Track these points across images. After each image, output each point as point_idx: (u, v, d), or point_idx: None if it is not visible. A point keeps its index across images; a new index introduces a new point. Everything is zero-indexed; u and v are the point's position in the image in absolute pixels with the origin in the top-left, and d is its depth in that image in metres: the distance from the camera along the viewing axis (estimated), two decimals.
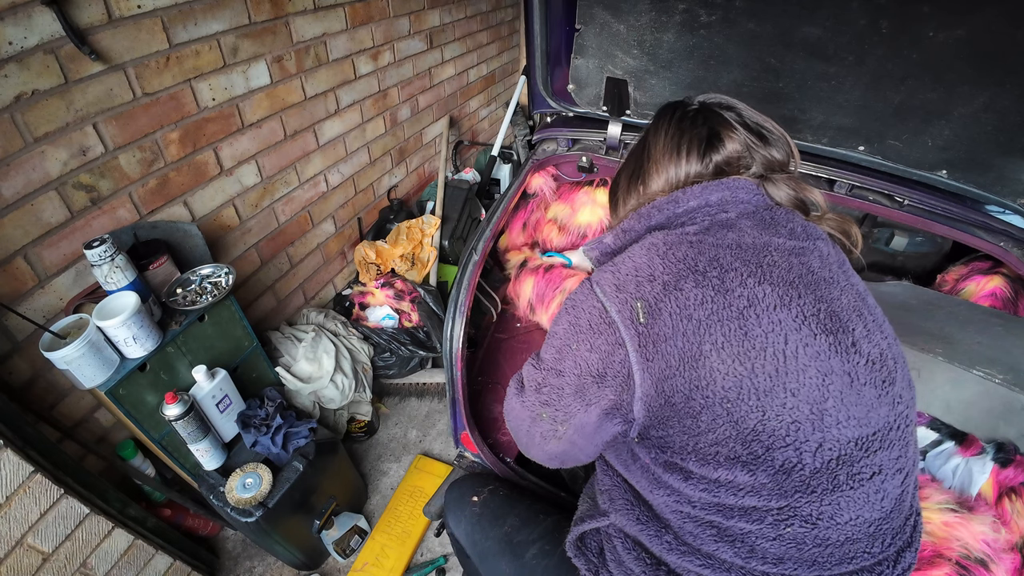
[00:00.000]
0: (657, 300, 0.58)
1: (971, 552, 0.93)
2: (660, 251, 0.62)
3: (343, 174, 1.95)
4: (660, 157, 0.70)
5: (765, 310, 0.57)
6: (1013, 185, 1.04)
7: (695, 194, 0.66)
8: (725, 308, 0.57)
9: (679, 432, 0.59)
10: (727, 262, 0.59)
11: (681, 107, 0.72)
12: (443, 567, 1.52)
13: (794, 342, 0.56)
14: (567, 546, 0.78)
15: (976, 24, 0.89)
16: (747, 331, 0.56)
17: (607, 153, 1.41)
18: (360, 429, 1.86)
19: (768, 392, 0.55)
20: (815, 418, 0.55)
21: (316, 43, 1.66)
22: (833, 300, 0.60)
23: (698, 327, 0.56)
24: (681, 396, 0.57)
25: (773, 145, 0.68)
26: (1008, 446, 1.04)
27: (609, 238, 0.74)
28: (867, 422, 0.57)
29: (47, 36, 1.00)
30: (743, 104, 0.71)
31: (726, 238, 0.62)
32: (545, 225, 1.83)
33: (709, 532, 0.61)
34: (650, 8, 1.13)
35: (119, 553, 1.16)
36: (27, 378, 1.11)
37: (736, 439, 0.56)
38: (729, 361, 0.56)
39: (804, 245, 0.63)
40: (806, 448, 0.55)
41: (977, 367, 1.04)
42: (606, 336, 0.60)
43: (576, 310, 0.65)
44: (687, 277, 0.59)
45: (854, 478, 0.57)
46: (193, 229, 1.32)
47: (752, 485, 0.57)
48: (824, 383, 0.56)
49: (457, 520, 0.98)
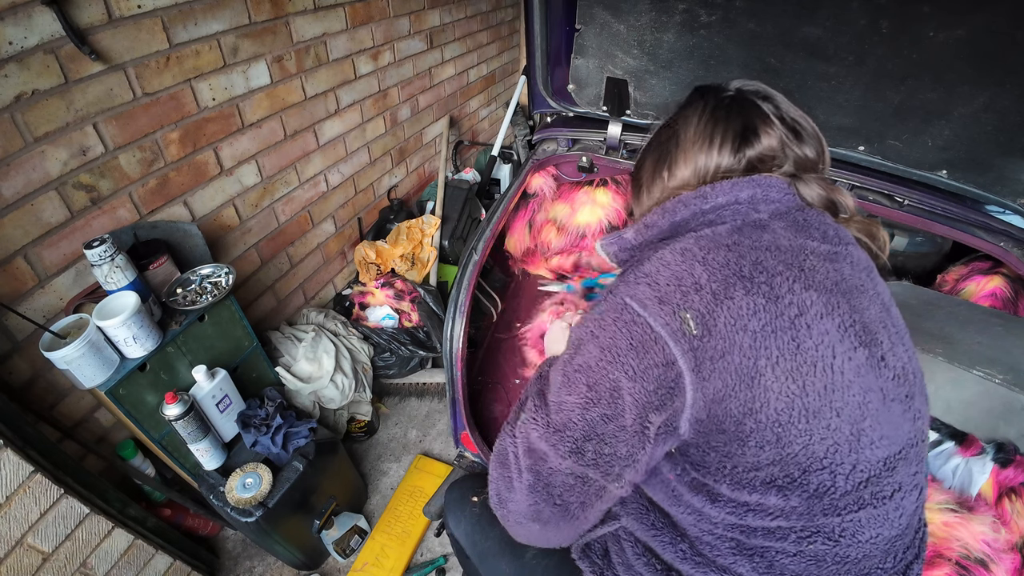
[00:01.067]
0: (709, 311, 0.52)
1: (971, 552, 0.93)
2: (698, 256, 0.56)
3: (343, 174, 1.95)
4: (690, 145, 0.65)
5: (814, 318, 0.52)
6: (1013, 185, 1.04)
7: (724, 190, 0.60)
8: (778, 317, 0.52)
9: (721, 454, 0.55)
10: (771, 265, 0.54)
11: (716, 93, 0.67)
12: (443, 567, 1.52)
13: (840, 355, 0.52)
14: (573, 549, 0.76)
15: (976, 24, 0.89)
16: (799, 343, 0.52)
17: (607, 153, 1.41)
18: (360, 429, 1.86)
19: (816, 413, 0.52)
20: (853, 439, 0.53)
21: (316, 43, 1.66)
22: (864, 310, 0.56)
23: (754, 340, 0.51)
24: (733, 421, 0.52)
25: (807, 143, 0.64)
26: (1008, 446, 1.04)
27: (630, 233, 0.67)
28: (895, 440, 0.55)
29: (47, 36, 1.00)
30: (781, 95, 0.66)
31: (762, 239, 0.57)
32: (545, 226, 1.83)
33: (728, 545, 0.59)
34: (650, 8, 1.13)
35: (119, 553, 1.16)
36: (27, 378, 1.11)
37: (776, 463, 0.53)
38: (783, 378, 0.51)
39: (837, 250, 0.59)
40: (840, 471, 0.53)
41: (977, 367, 1.04)
42: (654, 356, 0.53)
43: (608, 331, 0.55)
44: (736, 284, 0.53)
45: (876, 497, 0.55)
46: (193, 229, 1.32)
47: (783, 508, 0.55)
48: (864, 401, 0.53)
49: (457, 520, 0.98)
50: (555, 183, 1.69)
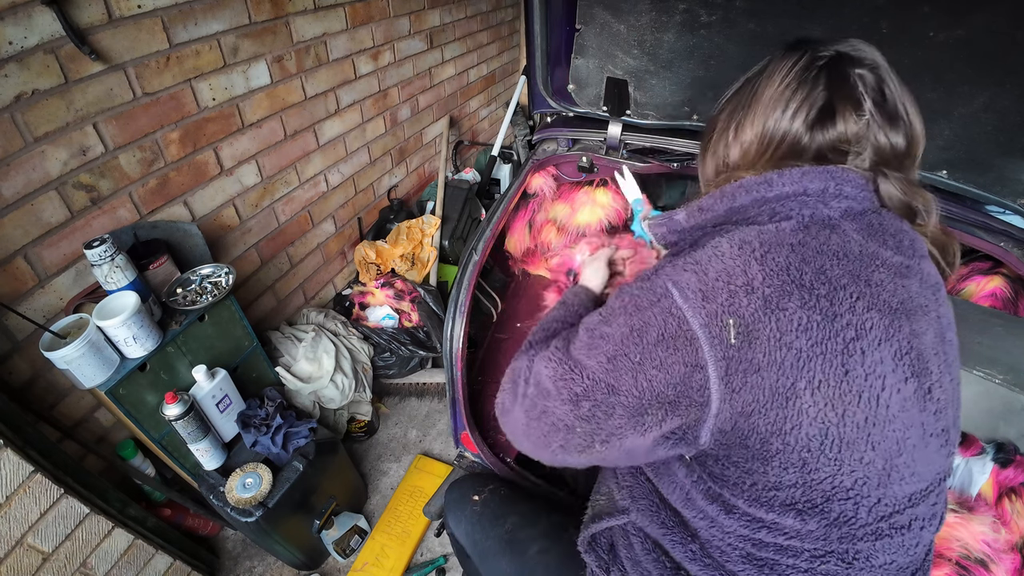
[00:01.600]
0: (755, 319, 0.48)
1: (971, 552, 0.93)
2: (757, 253, 0.51)
3: (343, 174, 1.95)
4: (763, 106, 0.59)
5: (871, 344, 0.48)
6: (1013, 185, 1.04)
7: (793, 179, 0.54)
8: (831, 338, 0.48)
9: (741, 470, 0.53)
10: (836, 276, 0.49)
11: (811, 51, 0.58)
12: (443, 567, 1.52)
13: (890, 387, 0.49)
14: (579, 542, 0.76)
15: (976, 24, 0.89)
16: (848, 369, 0.48)
17: (607, 153, 1.40)
18: (360, 429, 1.86)
19: (851, 444, 0.49)
20: (883, 475, 0.50)
21: (316, 43, 1.66)
22: (922, 334, 0.52)
23: (797, 359, 0.47)
24: (758, 438, 0.50)
25: (899, 130, 0.55)
26: (1008, 446, 1.04)
27: (681, 215, 0.62)
28: (925, 476, 0.52)
29: (47, 36, 1.00)
30: (888, 68, 0.57)
31: (830, 242, 0.51)
32: (545, 226, 1.83)
33: (738, 553, 0.57)
34: (650, 8, 1.13)
35: (119, 553, 1.16)
36: (27, 378, 1.11)
37: (799, 487, 0.51)
38: (821, 404, 0.48)
39: (910, 263, 0.53)
40: (864, 504, 0.51)
41: (977, 367, 1.04)
42: (683, 354, 0.50)
43: (642, 313, 0.53)
44: (792, 294, 0.48)
45: (895, 528, 0.53)
46: (193, 229, 1.32)
47: (798, 531, 0.52)
48: (904, 436, 0.49)
49: (457, 520, 0.98)
50: (555, 183, 1.69)
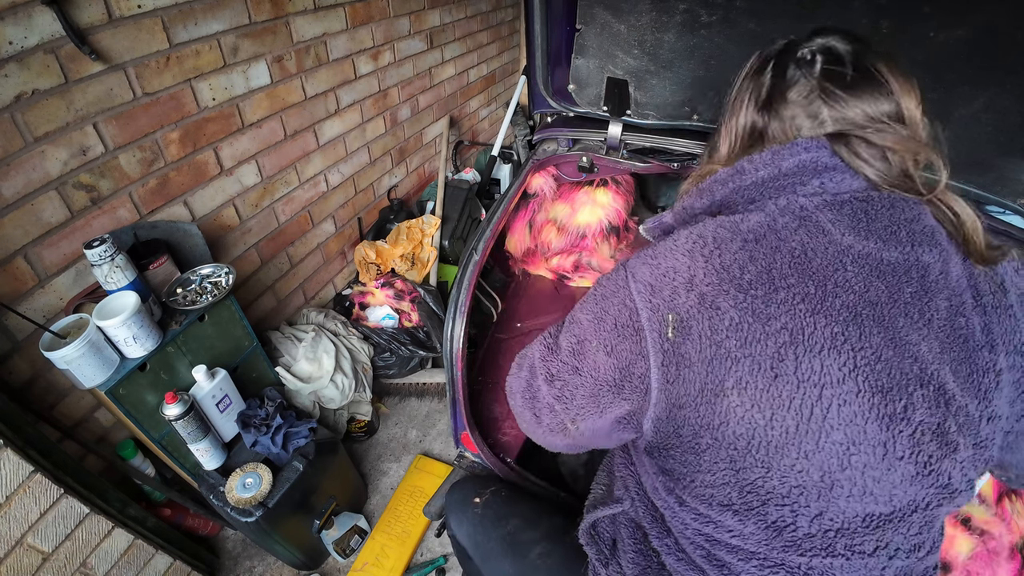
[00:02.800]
0: (689, 315, 0.50)
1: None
2: (707, 250, 0.52)
3: (343, 174, 1.95)
4: (732, 103, 0.62)
5: (807, 352, 0.47)
6: (1013, 185, 1.04)
7: (764, 162, 0.53)
8: (760, 341, 0.47)
9: (679, 463, 0.54)
10: (779, 277, 0.49)
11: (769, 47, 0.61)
12: (443, 567, 1.52)
13: (829, 397, 0.47)
14: (580, 533, 0.77)
15: (976, 24, 0.89)
16: (778, 373, 0.47)
17: (607, 153, 1.40)
18: (360, 429, 1.86)
19: (779, 449, 0.48)
20: (823, 487, 0.48)
21: (316, 43, 1.66)
22: (907, 345, 0.47)
23: (725, 358, 0.48)
24: (690, 429, 0.51)
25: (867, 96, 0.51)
26: None
27: (669, 217, 0.64)
28: (887, 500, 0.49)
29: (47, 36, 1.00)
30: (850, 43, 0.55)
31: (791, 239, 0.50)
32: (545, 226, 1.83)
33: (700, 552, 0.59)
34: (651, 8, 1.13)
35: (119, 553, 1.16)
36: (27, 378, 1.11)
37: (733, 486, 0.51)
38: (748, 405, 0.48)
39: (898, 259, 0.49)
40: (803, 513, 0.50)
41: None
42: (630, 343, 0.53)
43: (605, 302, 0.56)
44: (727, 292, 0.49)
45: (852, 550, 0.50)
46: (193, 229, 1.32)
47: (740, 532, 0.53)
48: (847, 452, 0.47)
49: (459, 522, 0.98)
50: (555, 183, 1.69)
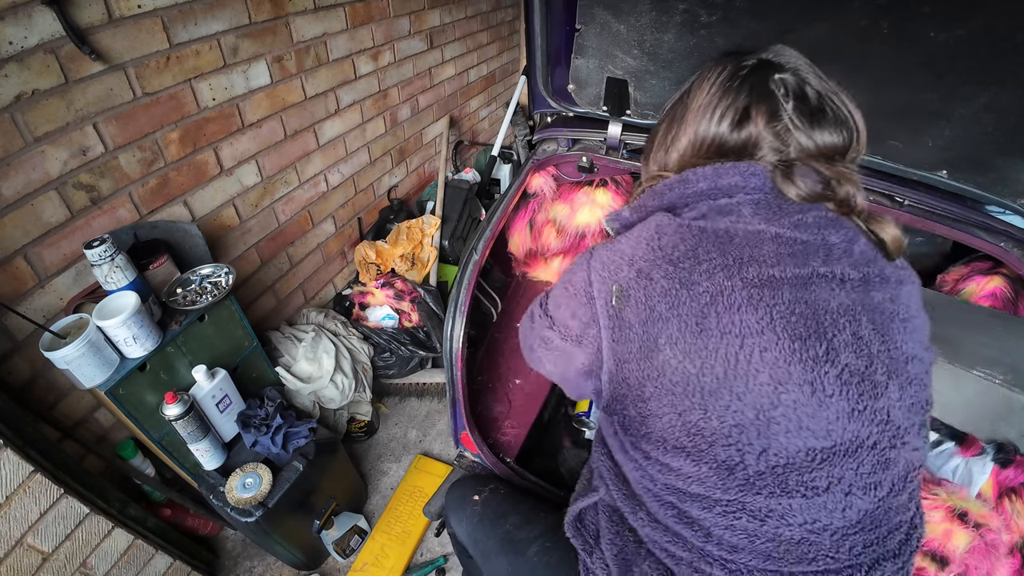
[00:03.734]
0: (629, 286, 0.59)
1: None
2: (650, 237, 0.62)
3: (343, 174, 1.95)
4: (693, 114, 0.66)
5: (727, 308, 0.55)
6: (1013, 185, 1.04)
7: (706, 175, 0.62)
8: (686, 303, 0.56)
9: (634, 414, 0.61)
10: (703, 252, 0.58)
11: (736, 60, 0.65)
12: (443, 567, 1.52)
13: (751, 346, 0.54)
14: (566, 526, 0.80)
15: (976, 24, 0.89)
16: (703, 329, 0.55)
17: (607, 153, 1.40)
18: (360, 429, 1.86)
19: (712, 392, 0.55)
20: (760, 424, 0.54)
21: (316, 43, 1.66)
22: (819, 302, 0.56)
23: (657, 319, 0.57)
24: (635, 380, 0.59)
25: (830, 127, 0.60)
26: (1008, 446, 1.04)
27: (627, 211, 0.73)
28: (824, 434, 0.54)
29: (47, 36, 1.00)
30: (814, 69, 0.63)
31: (716, 226, 0.60)
32: (545, 226, 1.83)
33: (671, 512, 0.63)
34: (650, 8, 1.13)
35: (119, 553, 1.16)
36: (27, 378, 1.11)
37: (681, 430, 0.58)
38: (680, 356, 0.56)
39: (807, 239, 0.58)
40: (749, 451, 0.55)
41: (977, 367, 1.04)
42: (586, 309, 0.64)
43: (572, 275, 0.68)
44: (660, 266, 0.59)
45: (806, 485, 0.55)
46: (193, 229, 1.32)
47: (698, 476, 0.58)
48: (775, 391, 0.54)
49: (458, 520, 0.98)
50: (555, 183, 1.69)
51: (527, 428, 1.43)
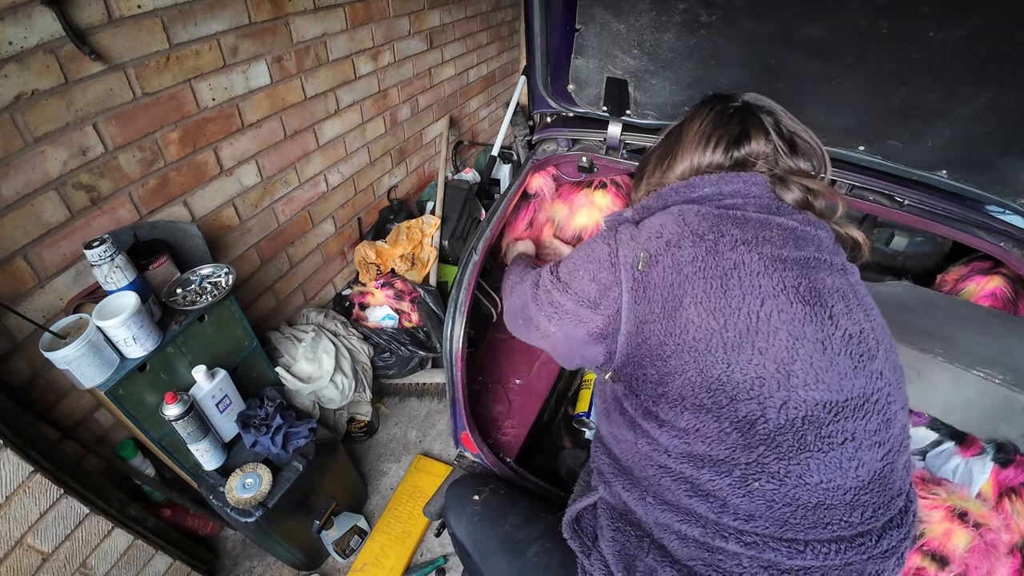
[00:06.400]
0: (658, 253, 0.66)
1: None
2: (672, 216, 0.70)
3: (343, 174, 1.95)
4: (689, 144, 0.77)
5: (748, 274, 0.63)
6: (1013, 185, 1.04)
7: (711, 182, 0.72)
8: (712, 267, 0.63)
9: (651, 373, 0.65)
10: (726, 229, 0.66)
11: (723, 102, 0.77)
12: (443, 567, 1.52)
13: (770, 306, 0.61)
14: (563, 527, 0.80)
15: (976, 24, 0.89)
16: (727, 290, 0.62)
17: (607, 153, 1.40)
18: (360, 429, 1.86)
19: (736, 347, 0.60)
20: (781, 377, 0.59)
21: (316, 43, 1.66)
22: (818, 279, 0.65)
23: (683, 280, 0.64)
24: (656, 339, 0.64)
25: (802, 156, 0.74)
26: (1008, 446, 1.04)
27: (628, 212, 0.82)
28: (838, 388, 0.60)
29: (47, 36, 1.00)
30: (784, 112, 0.76)
31: (731, 213, 0.69)
32: (544, 227, 1.83)
33: (684, 487, 0.64)
34: (650, 8, 1.13)
35: (119, 553, 1.16)
36: (27, 378, 1.11)
37: (702, 386, 0.61)
38: (704, 314, 0.62)
39: (805, 229, 0.69)
40: (770, 404, 0.59)
41: (977, 367, 1.04)
42: (608, 273, 0.70)
43: (594, 244, 0.76)
44: (687, 237, 0.66)
45: (823, 440, 0.59)
46: (193, 229, 1.32)
47: (718, 434, 0.61)
48: (793, 346, 0.60)
49: (458, 519, 0.98)
50: (555, 183, 1.69)
51: (527, 428, 1.43)
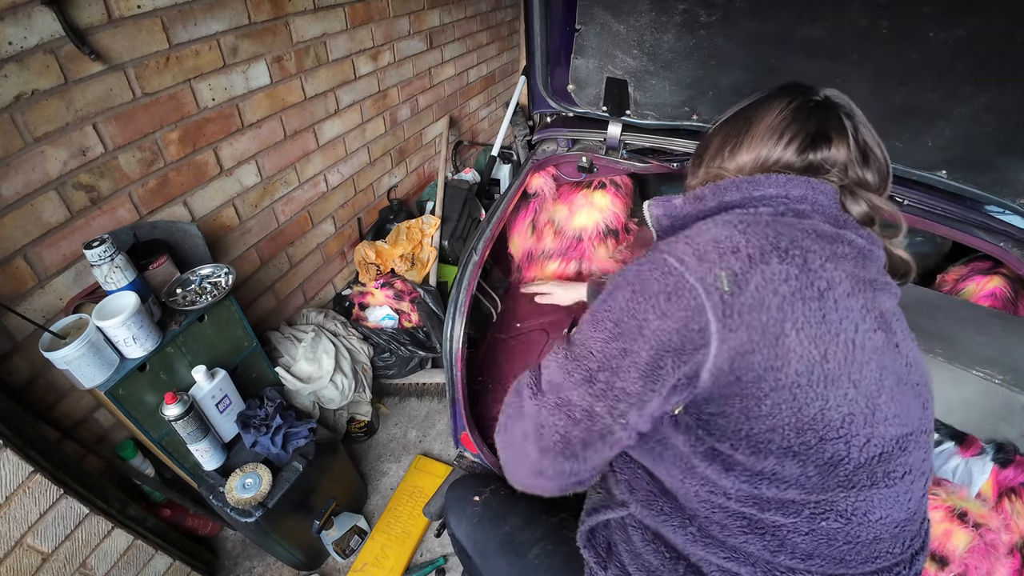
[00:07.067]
0: (743, 271, 0.55)
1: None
2: (739, 228, 0.59)
3: (343, 174, 1.95)
4: (760, 134, 0.68)
5: (842, 295, 0.57)
6: (1013, 185, 1.04)
7: (778, 183, 0.64)
8: (808, 287, 0.55)
9: (737, 413, 0.56)
10: (807, 244, 0.59)
11: (804, 94, 0.68)
12: (443, 567, 1.52)
13: (862, 332, 0.56)
14: (578, 536, 0.77)
15: (976, 24, 0.89)
16: (825, 314, 0.55)
17: (607, 153, 1.40)
18: (360, 429, 1.86)
19: (834, 380, 0.55)
20: (868, 412, 0.56)
21: (316, 43, 1.66)
22: (882, 302, 0.61)
23: (782, 303, 0.55)
24: (753, 375, 0.54)
25: (871, 168, 0.67)
26: (1008, 446, 1.04)
27: (678, 200, 0.71)
28: (906, 422, 0.58)
29: (47, 36, 1.00)
30: (863, 117, 0.68)
31: (802, 223, 0.61)
32: (544, 227, 1.83)
33: (739, 523, 0.59)
34: (650, 8, 1.13)
35: (119, 553, 1.16)
36: (27, 378, 1.11)
37: (793, 427, 0.55)
38: (806, 343, 0.54)
39: (870, 248, 0.64)
40: (855, 442, 0.56)
41: (977, 367, 1.04)
42: (683, 301, 0.55)
43: (642, 279, 0.58)
44: (771, 253, 0.57)
45: (889, 476, 0.57)
46: (193, 229, 1.32)
47: (798, 477, 0.56)
48: (880, 378, 0.57)
49: (458, 520, 0.98)
50: (555, 184, 1.69)
51: None
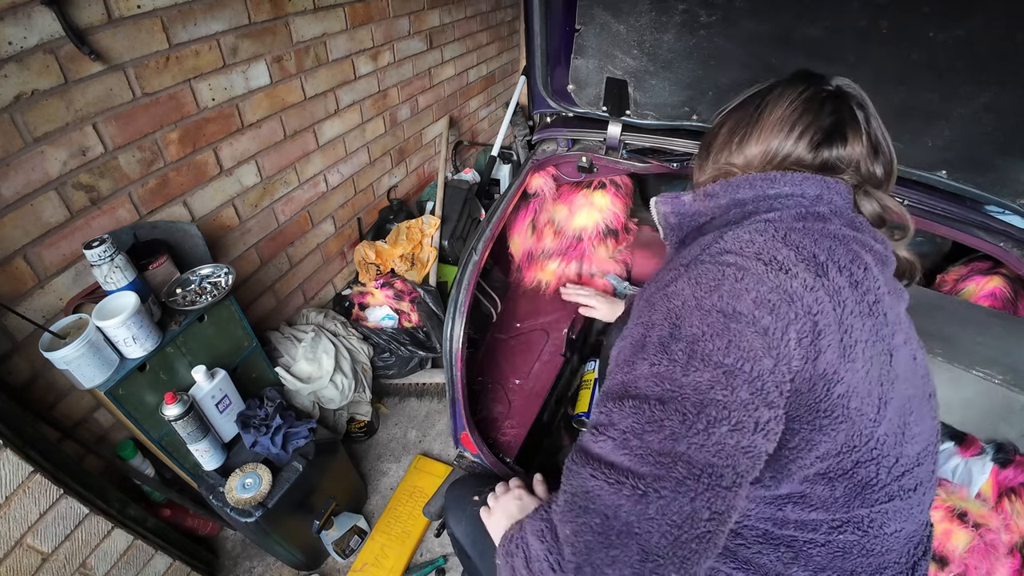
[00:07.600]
0: (814, 287, 0.50)
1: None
2: (778, 235, 0.54)
3: (343, 174, 1.95)
4: (770, 125, 0.63)
5: (888, 307, 0.54)
6: (1013, 185, 1.04)
7: (793, 181, 0.60)
8: (861, 301, 0.52)
9: (798, 437, 0.51)
10: (841, 254, 0.54)
11: (816, 83, 0.64)
12: (443, 567, 1.52)
13: (898, 346, 0.54)
14: None
15: (976, 24, 0.89)
16: (878, 329, 0.52)
17: (607, 153, 1.40)
18: (360, 429, 1.86)
19: (885, 399, 0.53)
20: (899, 433, 0.54)
21: (316, 43, 1.66)
22: (899, 309, 0.59)
23: (848, 317, 0.50)
24: (824, 388, 0.49)
25: (879, 162, 0.64)
26: (1008, 446, 1.04)
27: (688, 196, 0.67)
28: (923, 437, 0.57)
29: (47, 36, 1.00)
30: (874, 108, 0.65)
31: (827, 228, 0.57)
32: (544, 227, 1.83)
33: (754, 535, 0.59)
34: (650, 8, 1.13)
35: (119, 553, 1.16)
36: (27, 378, 1.11)
37: (835, 456, 0.52)
38: (866, 361, 0.51)
39: (886, 253, 0.61)
40: (884, 463, 0.54)
41: (977, 367, 1.04)
42: (781, 309, 0.48)
43: (715, 293, 0.49)
44: (826, 266, 0.52)
45: (904, 489, 0.57)
46: (193, 229, 1.32)
47: (824, 500, 0.54)
48: (910, 395, 0.55)
49: (457, 519, 0.98)
50: (555, 184, 1.69)
51: (527, 428, 1.43)
